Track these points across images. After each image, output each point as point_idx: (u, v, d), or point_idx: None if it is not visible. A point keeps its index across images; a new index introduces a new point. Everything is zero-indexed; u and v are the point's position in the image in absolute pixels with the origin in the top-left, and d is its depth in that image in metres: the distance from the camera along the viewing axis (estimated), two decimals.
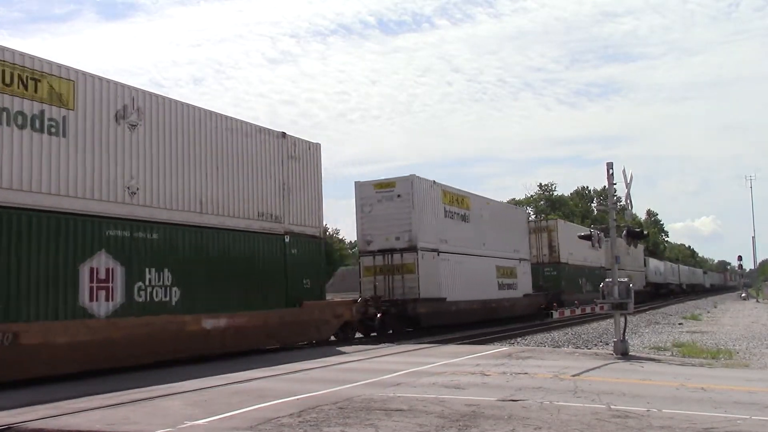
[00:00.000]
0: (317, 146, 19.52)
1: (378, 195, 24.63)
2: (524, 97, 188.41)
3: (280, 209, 17.71)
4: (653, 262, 69.75)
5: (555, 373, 11.30)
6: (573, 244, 39.29)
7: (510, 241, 32.07)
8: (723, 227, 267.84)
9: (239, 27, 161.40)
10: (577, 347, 19.59)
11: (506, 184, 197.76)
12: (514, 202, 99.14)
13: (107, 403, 9.10)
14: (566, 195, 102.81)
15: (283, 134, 18.15)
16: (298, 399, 8.99)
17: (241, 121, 16.86)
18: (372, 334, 22.48)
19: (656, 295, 68.54)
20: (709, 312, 41.81)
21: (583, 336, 23.43)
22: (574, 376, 11.02)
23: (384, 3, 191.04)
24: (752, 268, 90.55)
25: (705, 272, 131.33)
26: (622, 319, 14.64)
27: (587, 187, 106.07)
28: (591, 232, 15.90)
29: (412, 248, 23.85)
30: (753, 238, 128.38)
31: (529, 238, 37.02)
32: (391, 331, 23.26)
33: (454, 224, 26.77)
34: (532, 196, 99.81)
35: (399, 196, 24.16)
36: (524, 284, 33.64)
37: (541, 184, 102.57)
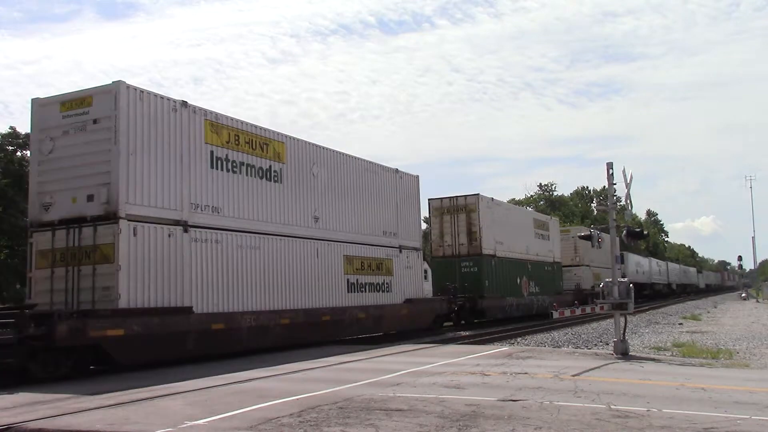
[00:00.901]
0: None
1: (65, 121, 14.35)
2: (524, 97, 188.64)
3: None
4: (633, 258, 59.62)
5: (555, 373, 11.30)
6: (506, 230, 31.31)
7: (380, 218, 22.36)
8: (723, 227, 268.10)
9: (239, 27, 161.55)
10: (577, 347, 19.59)
11: (506, 184, 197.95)
12: (514, 202, 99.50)
13: (107, 403, 9.10)
14: (566, 195, 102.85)
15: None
16: (298, 399, 8.99)
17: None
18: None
19: (638, 296, 61.47)
20: (709, 312, 41.83)
21: (583, 336, 23.42)
22: (574, 376, 11.02)
23: (384, 3, 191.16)
24: (752, 268, 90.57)
25: (699, 271, 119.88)
26: (622, 319, 14.66)
27: (587, 187, 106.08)
28: (591, 232, 15.91)
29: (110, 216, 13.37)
30: (753, 238, 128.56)
31: (440, 221, 29.65)
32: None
33: (237, 182, 16.51)
34: (532, 196, 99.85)
35: (95, 121, 13.95)
36: (410, 285, 23.52)
37: (541, 184, 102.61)
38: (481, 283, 28.52)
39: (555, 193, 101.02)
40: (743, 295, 71.21)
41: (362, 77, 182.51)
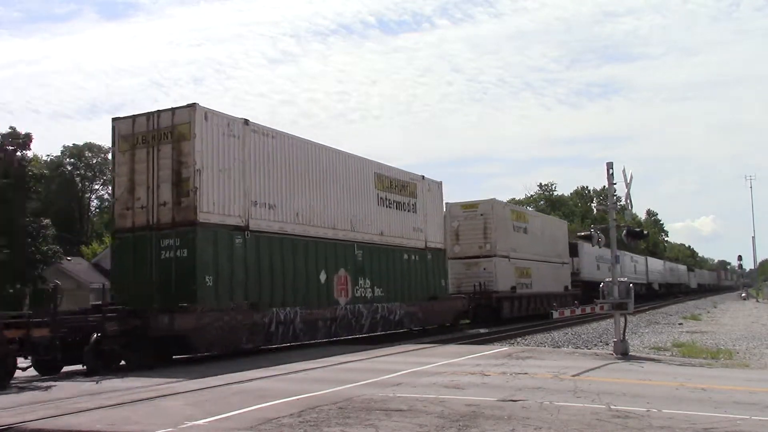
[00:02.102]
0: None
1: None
2: (524, 97, 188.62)
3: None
4: (591, 251, 45.56)
5: (555, 373, 11.30)
6: (289, 182, 17.90)
7: None
8: (723, 227, 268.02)
9: (239, 27, 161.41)
10: (577, 347, 19.59)
11: (506, 184, 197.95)
12: (514, 202, 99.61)
13: (107, 403, 9.10)
14: (566, 195, 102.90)
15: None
16: (298, 399, 8.99)
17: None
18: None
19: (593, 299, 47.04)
20: (708, 312, 41.84)
21: (583, 336, 23.42)
22: (574, 376, 11.02)
23: (384, 3, 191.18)
24: (752, 268, 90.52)
25: (691, 269, 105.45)
26: (622, 319, 14.66)
27: (587, 187, 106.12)
28: (591, 232, 15.89)
29: None
30: (753, 238, 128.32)
31: (131, 159, 15.74)
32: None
33: None
34: (532, 196, 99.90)
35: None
36: None
37: (541, 184, 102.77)
38: (195, 280, 14.64)
39: (555, 193, 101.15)
40: (743, 295, 71.22)
41: (362, 77, 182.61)
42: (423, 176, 25.22)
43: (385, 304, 21.58)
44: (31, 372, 12.61)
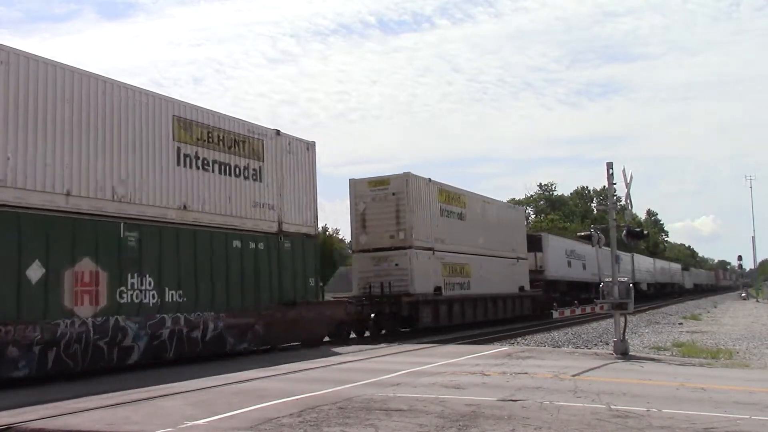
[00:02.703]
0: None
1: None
2: (525, 97, 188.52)
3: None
4: (559, 245, 40.19)
5: (555, 373, 11.30)
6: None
7: None
8: (723, 227, 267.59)
9: (239, 27, 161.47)
10: (577, 347, 19.60)
11: (506, 184, 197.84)
12: (514, 202, 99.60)
13: (107, 403, 9.10)
14: (566, 195, 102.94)
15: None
16: (298, 399, 8.99)
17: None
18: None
19: (555, 303, 36.38)
20: (708, 312, 41.86)
21: (583, 336, 23.43)
22: (574, 376, 11.02)
23: (384, 2, 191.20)
24: (752, 267, 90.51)
25: (685, 268, 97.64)
26: (622, 319, 14.66)
27: (587, 187, 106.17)
28: (591, 232, 15.89)
29: None
30: (753, 238, 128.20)
31: None
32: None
33: None
34: (532, 196, 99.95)
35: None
36: None
37: (541, 184, 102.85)
38: None
39: (555, 193, 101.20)
40: (743, 294, 71.27)
41: (362, 77, 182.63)
42: (278, 131, 18.21)
43: (185, 314, 14.52)
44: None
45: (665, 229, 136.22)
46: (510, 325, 28.25)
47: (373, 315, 22.44)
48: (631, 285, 14.61)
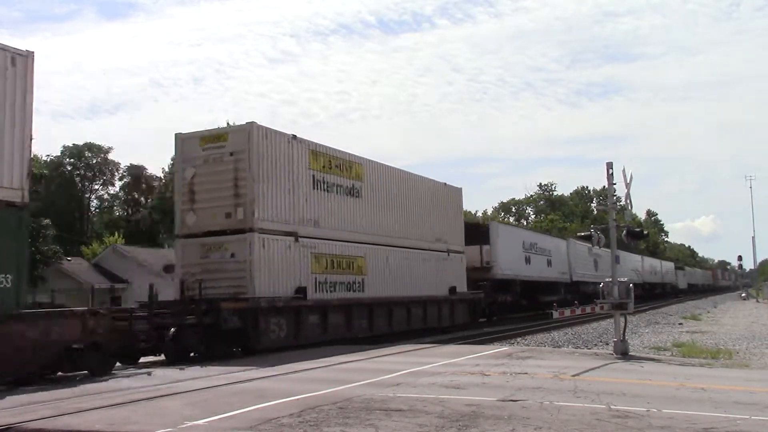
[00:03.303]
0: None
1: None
2: (525, 97, 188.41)
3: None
4: (514, 236, 34.58)
5: (555, 373, 11.30)
6: None
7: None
8: (723, 227, 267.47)
9: (239, 27, 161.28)
10: (577, 347, 19.60)
11: (506, 184, 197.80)
12: (514, 203, 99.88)
13: (107, 403, 9.10)
14: (566, 195, 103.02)
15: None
16: (298, 399, 8.99)
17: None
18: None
19: (522, 308, 34.54)
20: (709, 312, 41.87)
21: (583, 336, 23.43)
22: (574, 376, 11.02)
23: (384, 2, 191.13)
24: (752, 268, 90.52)
25: (680, 267, 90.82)
26: (622, 319, 14.66)
27: (587, 187, 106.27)
28: (591, 232, 15.89)
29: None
30: (753, 238, 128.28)
31: None
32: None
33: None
34: (532, 196, 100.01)
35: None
36: None
37: (541, 184, 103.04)
38: None
39: (555, 193, 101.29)
40: (743, 295, 71.30)
41: (362, 77, 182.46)
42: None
43: None
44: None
45: (665, 229, 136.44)
46: (512, 325, 27.94)
47: (173, 330, 14.64)
48: (631, 285, 14.59)
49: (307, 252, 18.23)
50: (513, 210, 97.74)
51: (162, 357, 14.99)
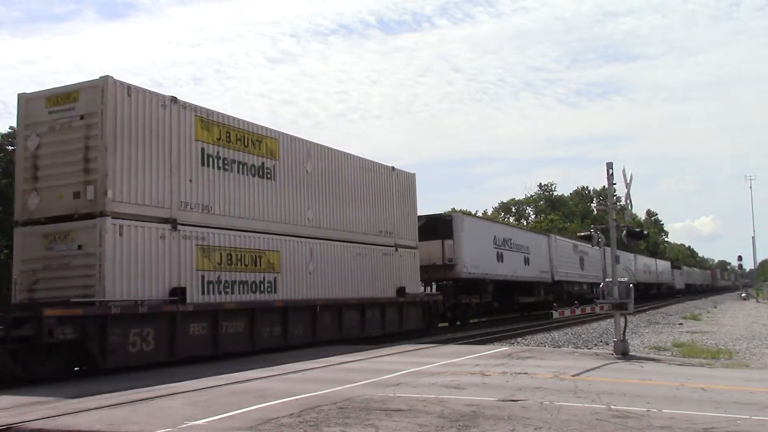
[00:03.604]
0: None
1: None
2: (525, 97, 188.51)
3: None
4: (482, 229, 31.11)
5: (555, 373, 11.30)
6: None
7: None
8: (723, 227, 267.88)
9: (239, 27, 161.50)
10: (577, 347, 19.59)
11: (506, 184, 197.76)
12: (514, 203, 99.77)
13: (107, 403, 9.09)
14: (566, 195, 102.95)
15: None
16: (298, 399, 8.98)
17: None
18: None
19: (496, 310, 32.35)
20: (709, 312, 41.86)
21: (583, 336, 23.42)
22: (574, 376, 11.02)
23: (384, 2, 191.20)
24: (752, 268, 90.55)
25: (677, 267, 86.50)
26: (622, 319, 14.66)
27: (587, 187, 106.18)
28: (591, 232, 15.89)
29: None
30: (753, 238, 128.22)
31: None
32: None
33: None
34: (532, 196, 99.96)
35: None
36: None
37: (541, 184, 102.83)
38: None
39: (555, 193, 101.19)
40: (743, 295, 71.30)
41: (362, 77, 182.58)
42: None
43: None
44: None
45: (665, 229, 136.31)
46: (511, 325, 27.90)
47: None
48: (631, 285, 14.59)
49: (191, 244, 14.57)
50: (513, 210, 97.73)
51: None
